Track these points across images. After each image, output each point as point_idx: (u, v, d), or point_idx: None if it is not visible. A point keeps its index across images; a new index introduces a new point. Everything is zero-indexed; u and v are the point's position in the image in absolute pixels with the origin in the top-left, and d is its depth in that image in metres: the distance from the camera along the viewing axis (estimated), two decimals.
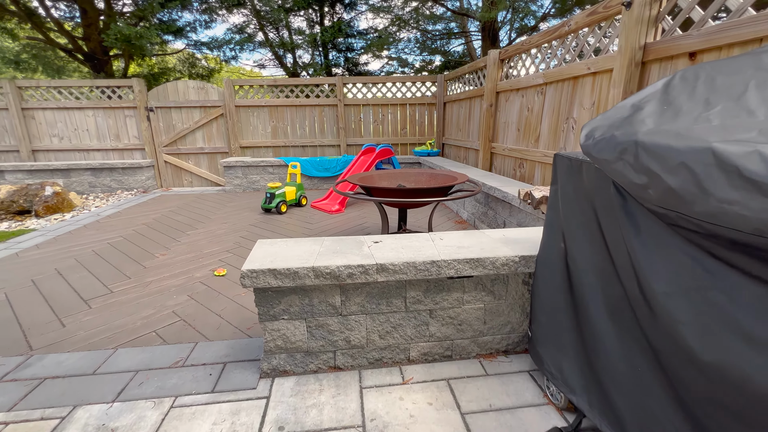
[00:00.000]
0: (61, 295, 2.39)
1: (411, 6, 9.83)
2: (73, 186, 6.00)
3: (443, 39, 11.23)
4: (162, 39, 7.98)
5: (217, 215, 4.52)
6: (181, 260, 3.01)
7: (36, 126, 6.28)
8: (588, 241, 1.28)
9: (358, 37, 10.61)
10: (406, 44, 10.59)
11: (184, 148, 6.50)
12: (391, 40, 9.75)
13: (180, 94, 6.31)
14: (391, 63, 12.12)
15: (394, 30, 10.52)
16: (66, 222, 4.25)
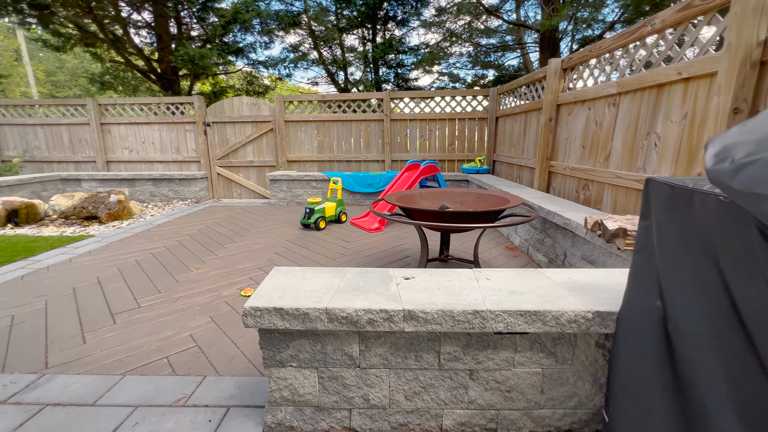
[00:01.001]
0: (93, 307, 2.38)
1: (464, 20, 9.60)
2: (137, 195, 6.44)
3: (497, 52, 10.82)
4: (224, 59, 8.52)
5: (258, 229, 4.51)
6: (212, 276, 2.94)
7: (111, 139, 6.89)
8: (704, 306, 0.89)
9: (409, 53, 10.56)
10: (458, 59, 10.34)
11: (236, 161, 6.74)
12: (442, 54, 9.56)
13: (235, 109, 6.58)
14: (441, 78, 11.92)
15: (446, 45, 10.33)
16: (121, 229, 4.47)
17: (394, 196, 2.88)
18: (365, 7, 9.34)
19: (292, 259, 3.33)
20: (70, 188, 6.47)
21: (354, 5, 9.42)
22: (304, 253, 3.53)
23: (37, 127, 6.94)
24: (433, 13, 10.20)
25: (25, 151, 7.02)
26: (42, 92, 23.97)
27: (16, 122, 6.92)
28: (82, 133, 6.90)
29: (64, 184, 6.44)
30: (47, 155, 7.02)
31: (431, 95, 6.30)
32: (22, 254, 3.43)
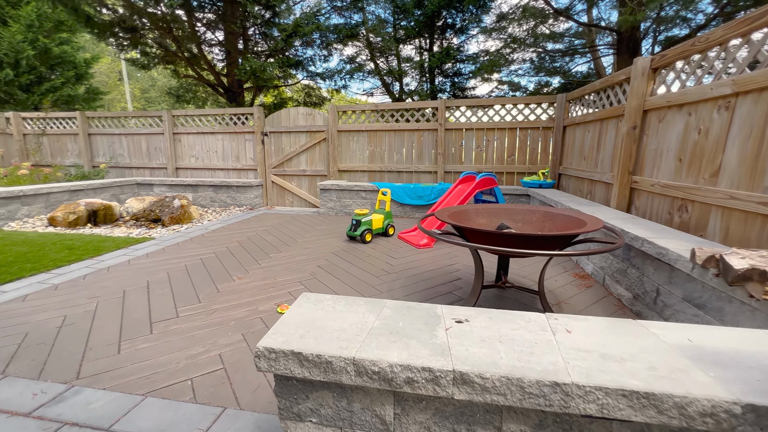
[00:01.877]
0: (136, 313, 2.38)
1: (528, 25, 9.04)
2: (199, 200, 6.81)
3: (564, 58, 10.05)
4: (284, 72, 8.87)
5: (304, 239, 4.44)
6: (253, 287, 2.85)
7: (181, 147, 7.42)
8: None
9: (467, 61, 10.20)
10: (520, 66, 9.75)
11: (290, 169, 6.87)
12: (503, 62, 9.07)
13: (291, 119, 6.73)
14: (501, 87, 11.35)
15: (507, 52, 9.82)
16: (179, 233, 4.67)
17: (445, 212, 2.58)
18: (423, 16, 9.21)
19: (334, 274, 3.15)
20: (144, 192, 7.04)
21: (412, 15, 9.33)
22: (347, 267, 3.34)
23: (122, 136, 7.71)
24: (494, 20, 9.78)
25: (111, 157, 7.82)
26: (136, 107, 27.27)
27: (106, 132, 7.75)
28: (158, 142, 7.52)
29: (139, 188, 7.03)
30: (128, 162, 7.76)
31: (490, 103, 5.89)
32: (91, 253, 3.67)
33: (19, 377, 1.69)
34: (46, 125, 8.15)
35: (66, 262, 3.38)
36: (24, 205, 5.11)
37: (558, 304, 2.56)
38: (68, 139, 8.06)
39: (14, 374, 1.72)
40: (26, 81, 11.55)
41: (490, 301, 2.57)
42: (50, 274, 3.07)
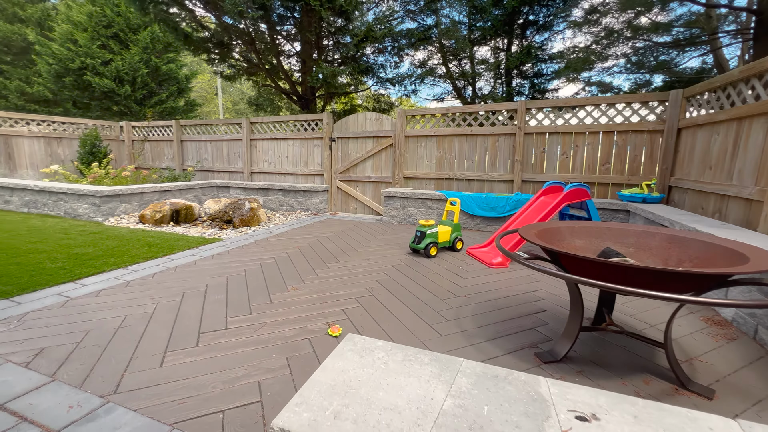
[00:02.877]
0: (188, 320, 2.29)
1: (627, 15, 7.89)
2: (268, 204, 7.04)
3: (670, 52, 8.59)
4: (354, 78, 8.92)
5: (364, 248, 4.20)
6: (306, 300, 2.64)
7: (256, 153, 7.79)
8: None
9: (550, 60, 9.27)
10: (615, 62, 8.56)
11: (355, 175, 6.77)
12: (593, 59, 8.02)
13: (359, 125, 6.64)
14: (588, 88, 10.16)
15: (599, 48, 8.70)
16: (246, 236, 4.75)
17: (531, 230, 2.09)
18: (502, 15, 8.58)
19: (393, 292, 2.82)
20: (222, 194, 7.50)
21: (489, 15, 8.77)
22: (408, 285, 2.98)
23: (207, 142, 8.37)
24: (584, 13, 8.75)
25: (198, 161, 8.53)
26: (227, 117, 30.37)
27: (194, 138, 8.49)
28: (237, 147, 8.00)
29: (218, 190, 7.51)
30: (211, 165, 8.39)
31: (581, 103, 5.12)
32: (165, 252, 3.83)
33: (65, 383, 1.64)
34: (148, 133, 9.22)
35: (142, 259, 3.55)
36: (122, 203, 5.69)
37: (689, 361, 1.90)
38: (165, 145, 9.00)
39: (62, 378, 1.67)
40: (140, 95, 13.38)
41: (588, 349, 2.00)
42: (126, 270, 3.22)
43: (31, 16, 15.40)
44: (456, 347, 2.01)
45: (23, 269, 3.14)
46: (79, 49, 12.42)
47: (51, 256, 3.56)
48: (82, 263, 3.34)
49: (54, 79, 12.78)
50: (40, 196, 5.94)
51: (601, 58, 8.28)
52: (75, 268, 3.21)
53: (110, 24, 12.89)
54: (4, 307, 2.41)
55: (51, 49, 12.52)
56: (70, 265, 3.29)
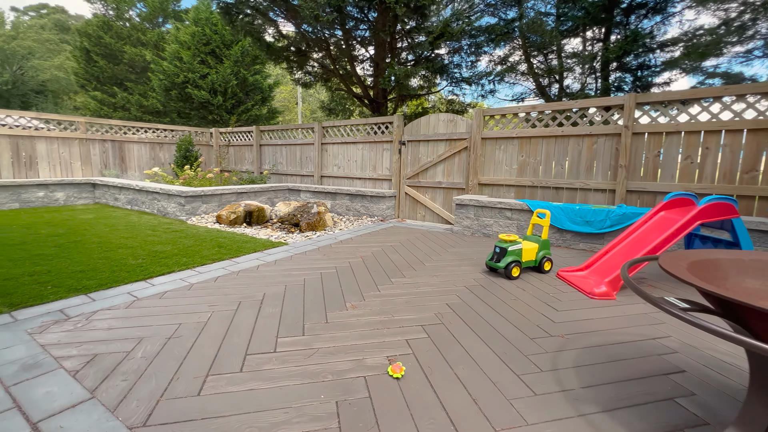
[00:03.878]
0: (238, 336, 2.09)
1: None
2: (336, 208, 6.97)
3: None
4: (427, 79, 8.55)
5: (433, 262, 3.75)
6: (365, 323, 2.29)
7: (326, 156, 7.83)
8: None
9: (660, 49, 7.85)
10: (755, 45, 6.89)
11: (424, 181, 6.36)
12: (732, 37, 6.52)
13: (431, 127, 6.23)
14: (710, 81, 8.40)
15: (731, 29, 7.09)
16: (311, 241, 4.63)
17: (679, 260, 1.46)
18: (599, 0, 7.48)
19: (468, 321, 2.34)
20: (293, 197, 7.66)
21: (583, 1, 7.72)
22: (486, 314, 2.47)
23: (282, 147, 8.69)
24: None
25: (273, 165, 8.90)
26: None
27: (271, 143, 8.88)
28: (309, 151, 8.14)
29: (290, 193, 7.68)
30: (285, 169, 8.67)
31: (715, 93, 4.04)
32: (232, 254, 3.83)
33: (101, 403, 1.49)
34: (231, 138, 9.92)
35: (210, 261, 3.56)
36: (204, 203, 6.03)
37: None
38: (246, 149, 9.58)
39: (101, 397, 1.53)
40: (229, 105, 14.66)
41: None
42: (193, 272, 3.23)
43: (149, 39, 17.95)
44: (559, 417, 1.47)
45: (108, 264, 3.33)
46: (183, 65, 14.03)
47: (135, 252, 3.76)
48: (157, 261, 3.45)
49: (163, 93, 14.62)
50: (140, 194, 6.61)
51: (743, 37, 6.69)
52: (150, 266, 3.30)
53: (209, 42, 14.35)
54: (81, 303, 2.48)
55: (162, 67, 14.35)
56: (148, 262, 3.41)
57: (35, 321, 2.19)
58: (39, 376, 1.65)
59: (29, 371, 1.69)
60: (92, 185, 7.64)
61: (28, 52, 32.25)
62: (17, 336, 2.00)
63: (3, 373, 1.67)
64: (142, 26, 18.83)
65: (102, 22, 17.79)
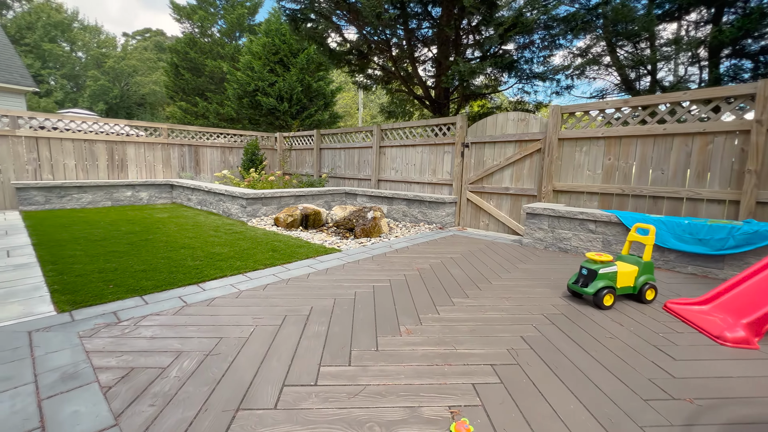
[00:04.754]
0: (278, 360, 1.86)
1: None
2: (392, 213, 6.69)
3: None
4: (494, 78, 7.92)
5: (501, 280, 3.26)
6: (421, 355, 1.93)
7: (384, 160, 7.61)
8: None
9: None
10: None
11: (489, 186, 5.80)
12: None
13: (498, 127, 5.67)
14: None
15: None
16: (364, 248, 4.38)
17: None
18: None
19: (552, 365, 1.85)
20: (350, 201, 7.54)
21: None
22: (574, 355, 1.96)
23: (341, 150, 8.66)
24: None
25: (332, 168, 8.92)
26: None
27: (330, 147, 8.91)
28: (366, 155, 8.00)
29: (346, 197, 7.58)
30: (343, 173, 8.63)
31: None
32: (285, 260, 3.71)
33: None
34: (293, 142, 10.18)
35: (262, 266, 3.46)
36: (264, 206, 6.14)
37: None
38: (307, 153, 9.76)
39: (123, 424, 1.37)
40: (294, 110, 15.26)
41: None
42: (245, 277, 3.13)
43: (227, 53, 19.49)
44: None
45: (169, 264, 3.38)
46: (254, 74, 14.92)
47: (195, 253, 3.82)
48: (213, 264, 3.43)
49: (236, 101, 15.69)
50: (208, 196, 6.96)
51: None
52: (206, 269, 3.28)
53: (277, 51, 15.10)
54: (134, 306, 2.46)
55: (236, 76, 15.41)
56: (204, 265, 3.41)
57: (89, 323, 2.18)
58: (73, 390, 1.56)
59: (66, 383, 1.61)
60: (170, 186, 8.28)
61: (132, 70, 37.26)
62: (68, 339, 1.98)
63: (42, 381, 1.61)
64: (221, 41, 20.56)
65: (189, 39, 19.74)
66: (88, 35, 38.97)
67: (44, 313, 2.29)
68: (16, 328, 2.09)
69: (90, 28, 39.72)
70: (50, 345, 1.91)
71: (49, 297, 2.54)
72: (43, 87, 34.51)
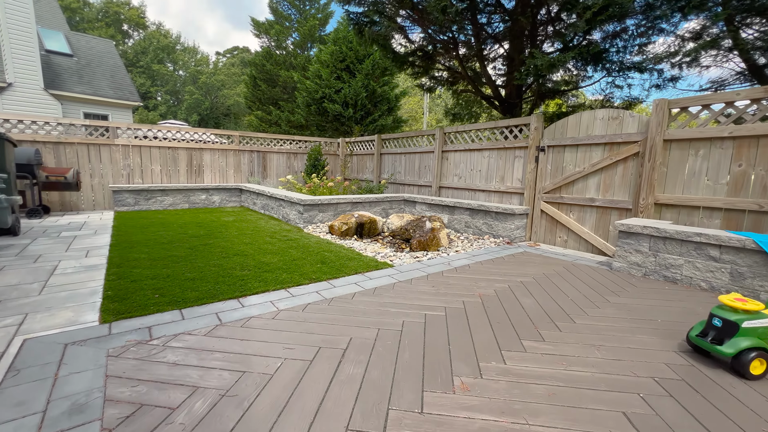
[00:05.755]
0: (299, 414, 1.53)
1: None
2: (454, 224, 6.15)
3: None
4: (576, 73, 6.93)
5: (587, 318, 2.59)
6: (480, 428, 1.45)
7: (446, 166, 7.09)
8: None
9: None
10: None
11: (569, 196, 4.98)
12: None
13: (582, 128, 4.84)
14: None
15: None
16: (419, 264, 3.95)
17: None
18: None
19: None
20: (408, 209, 7.16)
21: None
22: None
23: (402, 155, 8.34)
24: None
25: (392, 174, 8.63)
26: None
27: (391, 152, 8.63)
28: (428, 160, 7.55)
29: (405, 204, 7.21)
30: (403, 179, 8.29)
31: None
32: (331, 274, 3.45)
33: None
34: (354, 147, 10.12)
35: (308, 280, 3.23)
36: (320, 212, 6.04)
37: None
38: (368, 158, 9.62)
39: None
40: (358, 116, 15.40)
41: None
42: (287, 293, 2.91)
43: (298, 63, 20.50)
44: None
45: (217, 273, 3.31)
46: (321, 82, 15.38)
47: (245, 261, 3.74)
48: (259, 275, 3.29)
49: (305, 108, 16.34)
50: (270, 200, 7.12)
51: None
52: (250, 281, 3.14)
53: (344, 58, 15.39)
54: (170, 320, 2.35)
55: (305, 85, 16.05)
56: (250, 276, 3.28)
57: (122, 338, 2.09)
58: (73, 429, 1.39)
59: (71, 417, 1.45)
60: (239, 190, 8.71)
61: (221, 84, 41.50)
62: (96, 358, 1.88)
63: (51, 412, 1.48)
64: (294, 52, 21.74)
65: (266, 53, 21.20)
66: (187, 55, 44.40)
67: (88, 323, 2.27)
68: (57, 338, 2.06)
69: (189, 49, 45.24)
70: (77, 363, 1.82)
71: (100, 304, 2.55)
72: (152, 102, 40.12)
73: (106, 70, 15.85)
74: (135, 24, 42.90)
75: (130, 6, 42.34)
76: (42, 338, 2.06)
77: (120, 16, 41.45)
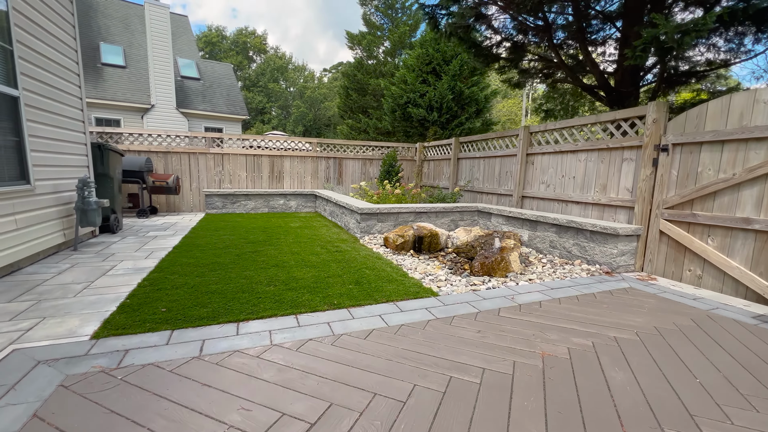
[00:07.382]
0: None
1: None
2: (535, 242, 5.03)
3: None
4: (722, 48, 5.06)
5: (732, 428, 1.52)
6: None
7: (531, 171, 5.95)
8: None
9: None
10: None
11: (706, 214, 3.52)
12: None
13: (732, 117, 3.38)
14: None
15: None
16: (471, 296, 3.13)
17: None
18: None
19: None
20: (483, 221, 6.21)
21: None
22: None
23: (480, 159, 7.38)
24: None
25: (468, 181, 7.72)
26: None
27: (469, 156, 7.73)
28: (509, 165, 6.48)
29: (479, 216, 6.28)
30: (481, 186, 7.32)
31: None
32: (360, 300, 2.91)
33: None
34: (428, 152, 9.44)
35: (327, 306, 2.75)
36: (379, 222, 5.57)
37: None
38: (444, 164, 8.86)
39: None
40: (444, 119, 14.64)
41: None
42: (294, 322, 2.47)
43: (387, 70, 20.70)
44: None
45: (239, 286, 3.08)
46: (406, 87, 15.10)
47: (277, 275, 3.47)
48: (278, 294, 2.95)
49: (391, 114, 16.27)
50: (336, 207, 6.95)
51: None
52: (265, 301, 2.81)
53: (430, 61, 14.84)
54: (153, 345, 2.10)
55: (391, 91, 15.99)
56: (272, 292, 2.96)
57: (92, 362, 1.89)
58: None
59: None
60: (314, 196, 8.84)
61: (323, 97, 45.01)
62: (47, 385, 1.68)
63: None
64: (385, 60, 22.06)
65: (357, 63, 21.98)
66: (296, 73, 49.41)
67: (79, 337, 2.16)
68: (38, 353, 1.97)
69: (298, 67, 50.28)
70: (24, 391, 1.64)
71: (109, 315, 2.48)
72: (267, 116, 45.66)
73: (223, 90, 18.30)
74: (257, 49, 49.54)
75: (255, 35, 49.11)
76: (27, 350, 1.99)
77: (247, 44, 48.38)
